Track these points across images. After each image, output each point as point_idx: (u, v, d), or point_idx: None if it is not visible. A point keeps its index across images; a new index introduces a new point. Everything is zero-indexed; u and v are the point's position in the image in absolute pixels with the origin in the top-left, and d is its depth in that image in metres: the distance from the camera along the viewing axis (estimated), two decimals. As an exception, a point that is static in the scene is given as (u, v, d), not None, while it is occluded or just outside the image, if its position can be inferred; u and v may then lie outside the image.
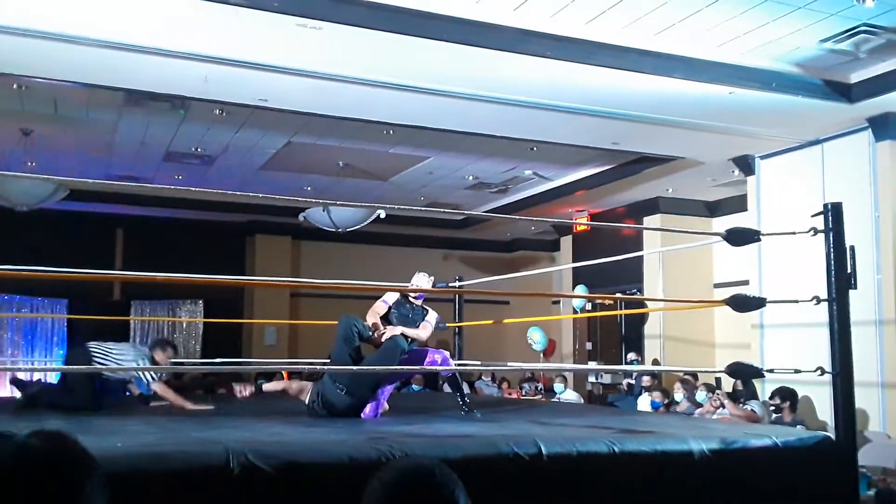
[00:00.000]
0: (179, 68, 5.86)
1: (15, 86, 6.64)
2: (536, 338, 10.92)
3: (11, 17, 5.10)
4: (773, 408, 6.60)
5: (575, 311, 11.01)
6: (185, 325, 12.33)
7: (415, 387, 10.11)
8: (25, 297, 11.51)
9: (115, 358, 5.36)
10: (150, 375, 5.27)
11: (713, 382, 8.33)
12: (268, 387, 5.18)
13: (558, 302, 12.93)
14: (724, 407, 6.54)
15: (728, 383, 8.23)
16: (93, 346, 5.31)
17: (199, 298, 12.41)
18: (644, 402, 8.35)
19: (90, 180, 7.80)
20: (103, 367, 5.23)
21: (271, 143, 8.77)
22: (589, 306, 11.29)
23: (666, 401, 8.05)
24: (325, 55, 5.73)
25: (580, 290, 10.38)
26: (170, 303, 12.37)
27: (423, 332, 5.17)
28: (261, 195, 11.16)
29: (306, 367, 6.77)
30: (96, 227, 11.64)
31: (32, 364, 11.30)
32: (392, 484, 1.29)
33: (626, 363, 10.59)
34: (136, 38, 5.42)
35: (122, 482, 2.23)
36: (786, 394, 6.56)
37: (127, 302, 12.05)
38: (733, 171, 8.94)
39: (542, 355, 11.37)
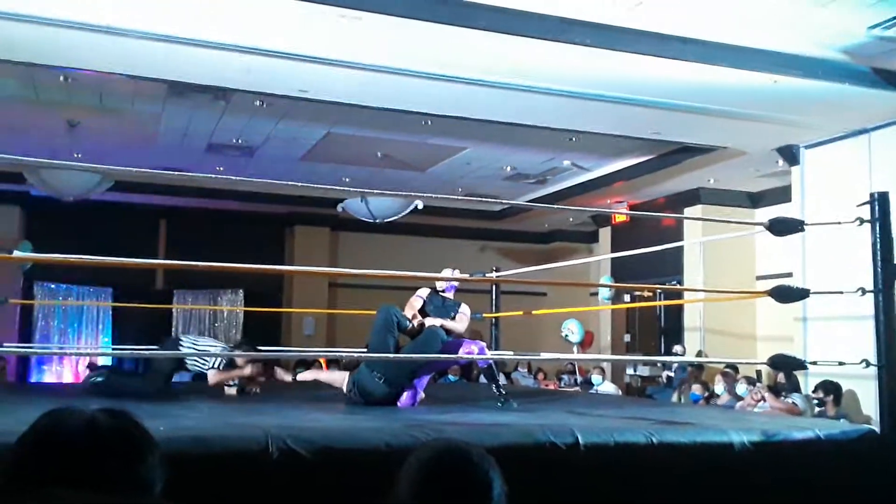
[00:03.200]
0: (222, 59, 5.93)
1: (62, 78, 6.78)
2: (573, 328, 10.83)
3: (58, 10, 5.21)
4: (816, 401, 6.48)
5: (603, 303, 10.93)
6: (225, 314, 12.51)
7: (451, 377, 10.13)
8: (72, 286, 11.77)
9: (201, 349, 5.44)
10: (216, 363, 5.30)
11: (754, 375, 8.22)
12: (303, 376, 5.22)
13: (596, 293, 12.85)
14: (765, 400, 6.45)
15: (770, 377, 8.11)
16: (183, 338, 5.45)
17: (239, 288, 12.58)
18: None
19: (134, 169, 7.93)
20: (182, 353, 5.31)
21: (311, 135, 8.83)
22: (627, 298, 11.20)
23: (706, 394, 7.96)
24: (365, 46, 5.75)
25: (605, 280, 10.30)
26: (211, 292, 12.56)
27: (461, 324, 5.19)
28: (300, 184, 11.23)
29: (344, 355, 6.82)
30: (140, 217, 11.85)
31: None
32: (429, 462, 1.29)
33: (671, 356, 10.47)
34: (180, 30, 5.50)
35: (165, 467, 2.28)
36: (829, 387, 6.43)
37: (169, 291, 12.27)
38: (777, 161, 8.78)
39: (578, 348, 11.31)
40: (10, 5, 5.12)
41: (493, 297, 7.20)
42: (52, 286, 11.59)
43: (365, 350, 5.23)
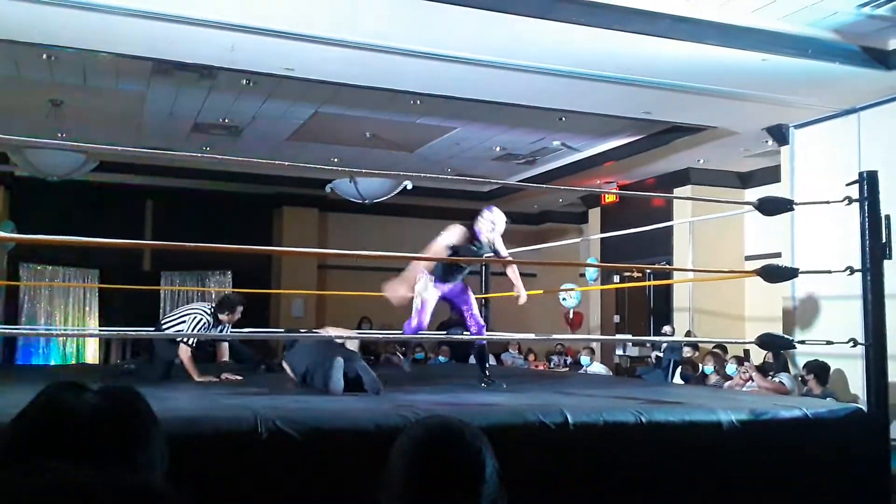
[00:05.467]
0: (207, 37, 5.85)
1: (44, 56, 6.68)
2: (573, 293, 10.72)
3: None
4: (800, 380, 6.52)
5: (589, 284, 10.94)
6: (213, 296, 12.45)
7: (441, 358, 10.15)
8: (58, 267, 11.68)
9: (176, 318, 5.43)
10: (189, 340, 5.22)
11: (742, 355, 8.26)
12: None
13: (584, 274, 12.87)
14: (753, 380, 6.48)
15: (758, 356, 8.15)
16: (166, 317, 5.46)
17: (227, 269, 12.51)
18: (676, 376, 8.30)
19: (119, 149, 7.86)
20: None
21: (298, 114, 8.76)
22: (617, 278, 11.21)
23: (696, 374, 8.00)
24: (352, 23, 5.68)
25: (592, 261, 10.29)
26: (199, 274, 12.49)
27: (503, 248, 5.42)
28: (287, 164, 11.17)
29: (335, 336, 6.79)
30: (126, 198, 11.75)
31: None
32: (421, 440, 1.28)
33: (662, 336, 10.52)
34: (164, 6, 5.41)
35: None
36: (813, 366, 6.48)
37: (156, 273, 12.20)
38: (766, 141, 8.78)
39: (569, 327, 11.33)
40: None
41: (483, 277, 7.20)
42: (38, 267, 11.50)
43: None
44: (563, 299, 10.84)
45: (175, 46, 6.17)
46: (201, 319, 5.34)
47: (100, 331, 10.84)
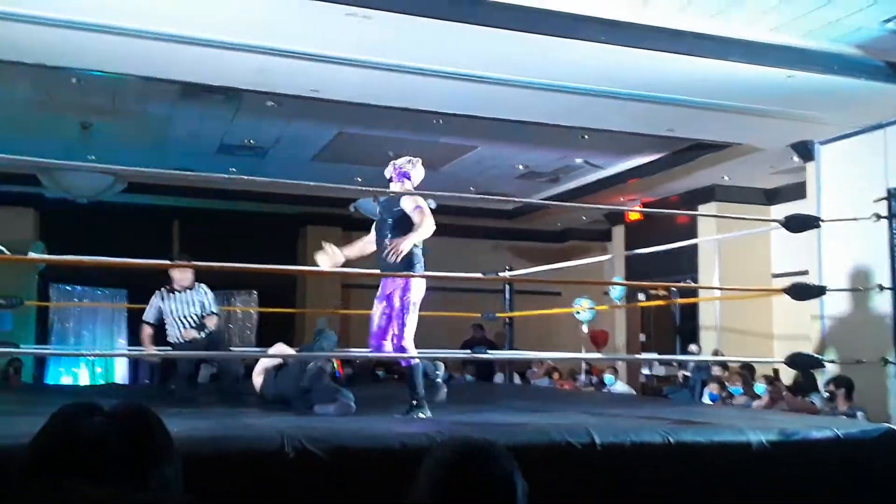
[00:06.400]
0: (233, 60, 5.93)
1: (74, 80, 6.80)
2: (585, 305, 10.58)
3: (69, 11, 5.22)
4: (827, 395, 6.42)
5: (615, 302, 10.85)
6: (240, 315, 12.54)
7: (467, 377, 10.13)
8: (87, 288, 11.82)
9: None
10: (147, 313, 5.68)
11: (772, 374, 8.16)
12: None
13: (608, 292, 12.79)
14: (782, 399, 6.40)
15: (788, 375, 8.04)
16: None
17: (253, 289, 12.60)
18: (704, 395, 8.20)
19: (147, 170, 7.97)
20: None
21: (322, 135, 8.83)
22: (642, 297, 11.12)
23: (724, 393, 7.90)
24: (375, 44, 5.73)
25: (619, 279, 10.21)
26: (225, 293, 12.57)
27: (420, 222, 4.35)
28: (312, 184, 11.25)
29: (357, 355, 6.81)
30: (153, 218, 11.89)
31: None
32: (450, 462, 1.26)
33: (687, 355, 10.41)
34: (192, 31, 5.50)
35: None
36: (841, 381, 6.38)
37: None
38: (792, 158, 8.70)
39: (594, 346, 11.24)
40: (22, 8, 5.14)
41: (507, 296, 7.19)
42: (68, 288, 11.65)
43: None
44: (577, 313, 10.74)
45: (202, 69, 6.26)
46: (154, 292, 5.85)
47: (128, 350, 10.93)
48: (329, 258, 4.54)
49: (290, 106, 7.54)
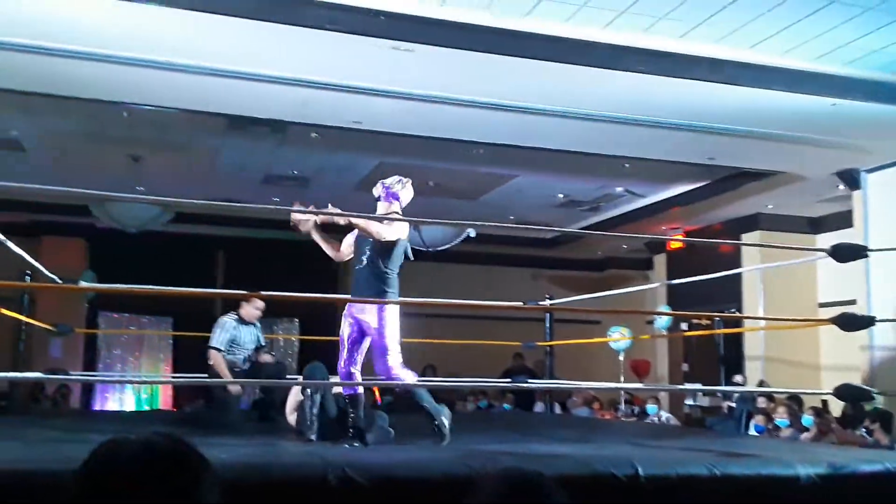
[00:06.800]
0: (279, 93, 6.08)
1: (125, 114, 7.01)
2: (623, 333, 10.43)
3: (120, 48, 5.41)
4: (864, 430, 6.27)
5: (660, 331, 10.72)
6: (281, 343, 12.65)
7: (506, 406, 10.07)
8: (134, 315, 12.05)
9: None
10: (220, 339, 5.55)
11: (819, 406, 7.97)
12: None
13: (652, 322, 12.65)
14: (831, 431, 6.25)
15: (836, 407, 7.86)
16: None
17: (294, 317, 12.72)
18: (749, 426, 8.03)
19: (193, 201, 8.16)
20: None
21: (364, 165, 8.95)
22: (685, 326, 10.98)
23: (770, 425, 7.74)
24: (417, 77, 5.83)
25: (664, 309, 10.09)
26: (267, 320, 12.69)
27: (373, 227, 4.15)
28: (353, 214, 11.37)
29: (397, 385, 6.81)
30: (199, 247, 12.10)
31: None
32: (500, 492, 1.27)
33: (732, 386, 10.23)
34: (238, 65, 5.66)
35: (225, 493, 2.31)
36: (878, 415, 6.24)
37: (227, 320, 12.47)
38: (838, 186, 8.58)
39: (636, 375, 11.11)
40: (76, 45, 5.34)
41: (548, 325, 7.16)
42: (115, 315, 11.89)
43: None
44: (612, 345, 10.63)
45: (249, 103, 6.42)
46: (226, 322, 5.74)
47: (172, 377, 11.09)
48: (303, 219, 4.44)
49: (333, 137, 7.66)
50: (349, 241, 4.52)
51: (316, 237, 4.44)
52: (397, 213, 4.46)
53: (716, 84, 5.81)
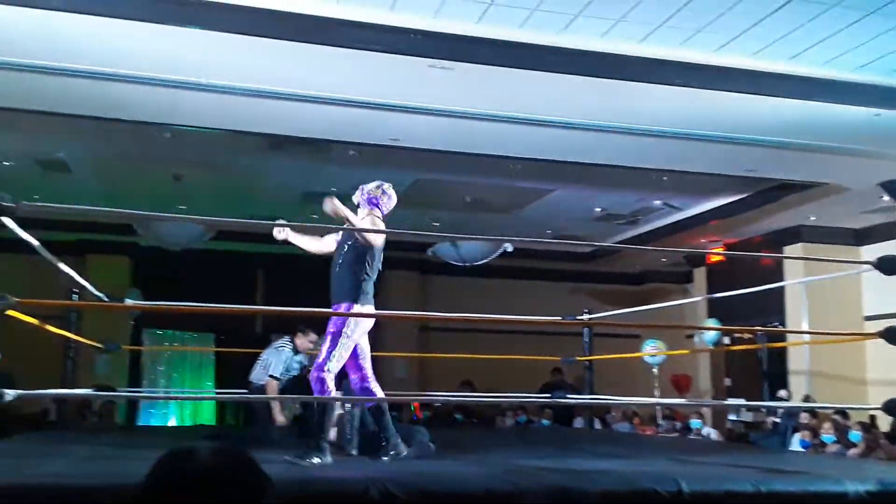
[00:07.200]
0: (319, 112, 6.18)
1: (168, 134, 7.16)
2: (659, 347, 10.26)
3: (164, 71, 5.55)
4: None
5: (707, 346, 10.56)
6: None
7: (545, 421, 10.01)
8: (177, 332, 12.25)
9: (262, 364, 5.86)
10: (278, 369, 5.66)
11: (867, 421, 7.80)
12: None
13: (692, 336, 12.49)
14: (879, 447, 6.11)
15: (885, 423, 7.68)
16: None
17: (333, 333, 12.80)
18: (794, 442, 7.89)
19: (234, 220, 8.29)
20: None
21: (401, 181, 8.98)
22: (727, 340, 10.83)
23: (816, 440, 7.59)
24: (455, 94, 5.88)
25: (712, 323, 9.95)
26: (309, 338, 12.82)
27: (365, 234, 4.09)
28: (391, 230, 11.46)
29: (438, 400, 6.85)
30: (240, 265, 12.27)
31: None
32: None
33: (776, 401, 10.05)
34: (279, 86, 5.76)
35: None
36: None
37: (267, 335, 12.57)
38: (882, 197, 8.42)
39: (677, 391, 10.97)
40: (120, 69, 5.49)
41: (586, 339, 7.12)
42: (159, 332, 12.09)
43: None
44: (646, 359, 10.49)
45: (288, 122, 6.53)
46: (284, 352, 5.91)
47: (216, 393, 11.23)
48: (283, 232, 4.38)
49: (371, 154, 7.74)
50: (330, 240, 4.47)
51: (294, 240, 4.45)
52: (378, 219, 4.39)
53: (755, 95, 5.76)
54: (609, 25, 5.12)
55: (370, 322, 4.36)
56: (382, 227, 4.35)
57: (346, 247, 4.28)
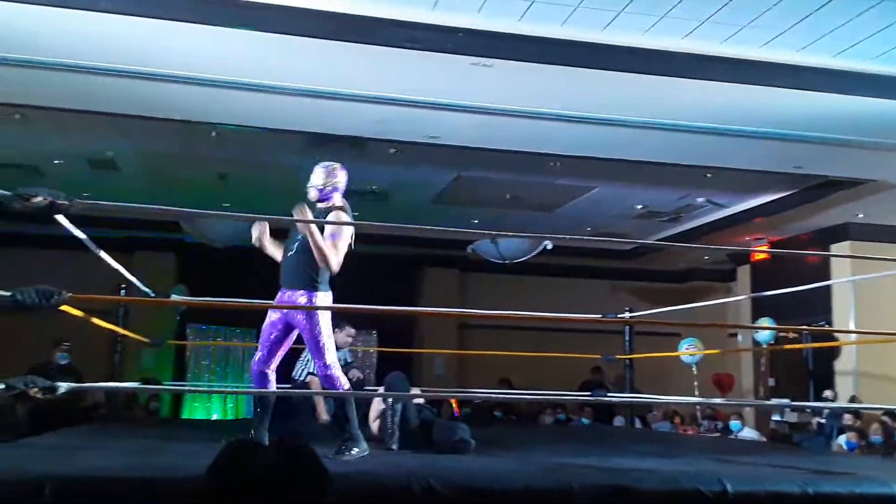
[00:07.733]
0: (358, 111, 6.23)
1: (213, 133, 7.28)
2: (697, 347, 10.07)
3: (209, 71, 5.65)
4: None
5: (757, 345, 10.39)
6: (360, 354, 12.84)
7: (584, 420, 9.96)
8: (221, 327, 12.45)
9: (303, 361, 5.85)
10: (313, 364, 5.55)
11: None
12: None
13: (735, 335, 12.32)
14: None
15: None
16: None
17: (373, 329, 12.90)
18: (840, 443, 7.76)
19: (277, 217, 8.38)
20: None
21: (441, 178, 9.04)
22: (772, 339, 10.66)
23: (863, 442, 7.45)
24: (495, 91, 5.88)
25: (765, 322, 9.76)
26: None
27: (326, 243, 3.99)
28: (431, 227, 11.52)
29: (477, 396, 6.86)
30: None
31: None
32: None
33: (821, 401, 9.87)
34: (320, 84, 5.83)
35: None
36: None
37: (309, 331, 12.74)
38: (933, 193, 8.23)
39: (719, 390, 10.83)
40: (168, 69, 5.61)
41: (627, 338, 7.08)
42: (203, 327, 12.30)
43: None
44: (683, 358, 10.33)
45: (329, 120, 6.59)
46: None
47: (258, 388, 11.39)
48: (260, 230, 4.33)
49: (411, 152, 7.78)
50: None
51: (266, 245, 4.43)
52: (344, 212, 4.31)
53: (801, 91, 5.67)
54: (652, 21, 5.08)
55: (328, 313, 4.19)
56: (350, 217, 4.30)
57: (300, 238, 4.11)
